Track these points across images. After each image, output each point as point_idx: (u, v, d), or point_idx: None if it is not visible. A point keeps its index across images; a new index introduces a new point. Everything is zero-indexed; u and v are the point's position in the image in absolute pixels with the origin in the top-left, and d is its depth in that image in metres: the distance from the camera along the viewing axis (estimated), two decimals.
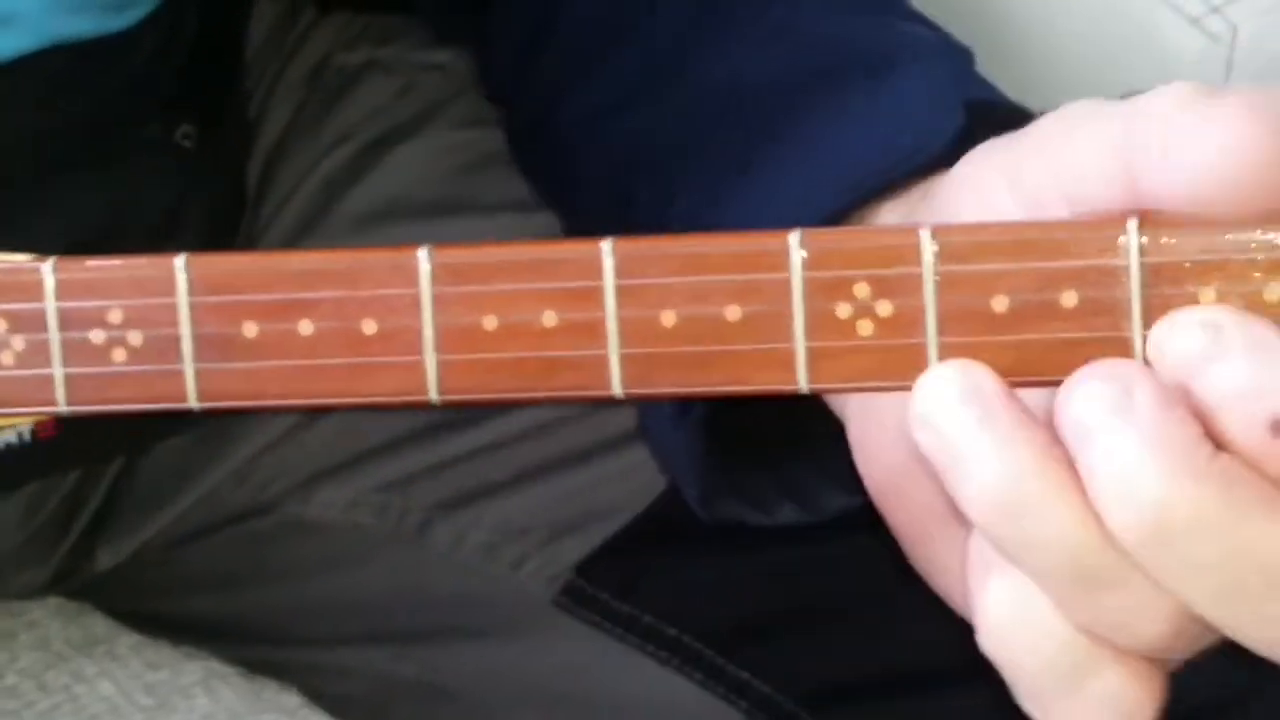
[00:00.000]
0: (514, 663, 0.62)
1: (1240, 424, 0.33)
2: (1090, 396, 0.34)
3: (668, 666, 0.59)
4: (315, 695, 0.68)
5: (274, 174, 0.67)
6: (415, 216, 0.64)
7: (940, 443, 0.34)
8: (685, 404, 0.47)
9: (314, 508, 0.64)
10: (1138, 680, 0.35)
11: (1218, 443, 0.33)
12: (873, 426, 0.42)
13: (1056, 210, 0.36)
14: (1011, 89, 0.51)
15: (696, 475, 0.49)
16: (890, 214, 0.43)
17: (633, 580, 0.60)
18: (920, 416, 0.35)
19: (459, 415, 0.62)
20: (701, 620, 0.59)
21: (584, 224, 0.56)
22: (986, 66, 0.53)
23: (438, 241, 0.37)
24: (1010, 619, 0.35)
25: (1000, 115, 0.43)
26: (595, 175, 0.55)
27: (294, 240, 0.65)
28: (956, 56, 0.50)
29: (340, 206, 0.64)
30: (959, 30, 0.54)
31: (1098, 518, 0.34)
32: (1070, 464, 0.34)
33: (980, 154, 0.39)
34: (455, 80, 0.67)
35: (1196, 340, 0.33)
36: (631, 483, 0.60)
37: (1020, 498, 0.34)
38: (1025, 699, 0.36)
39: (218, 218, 0.64)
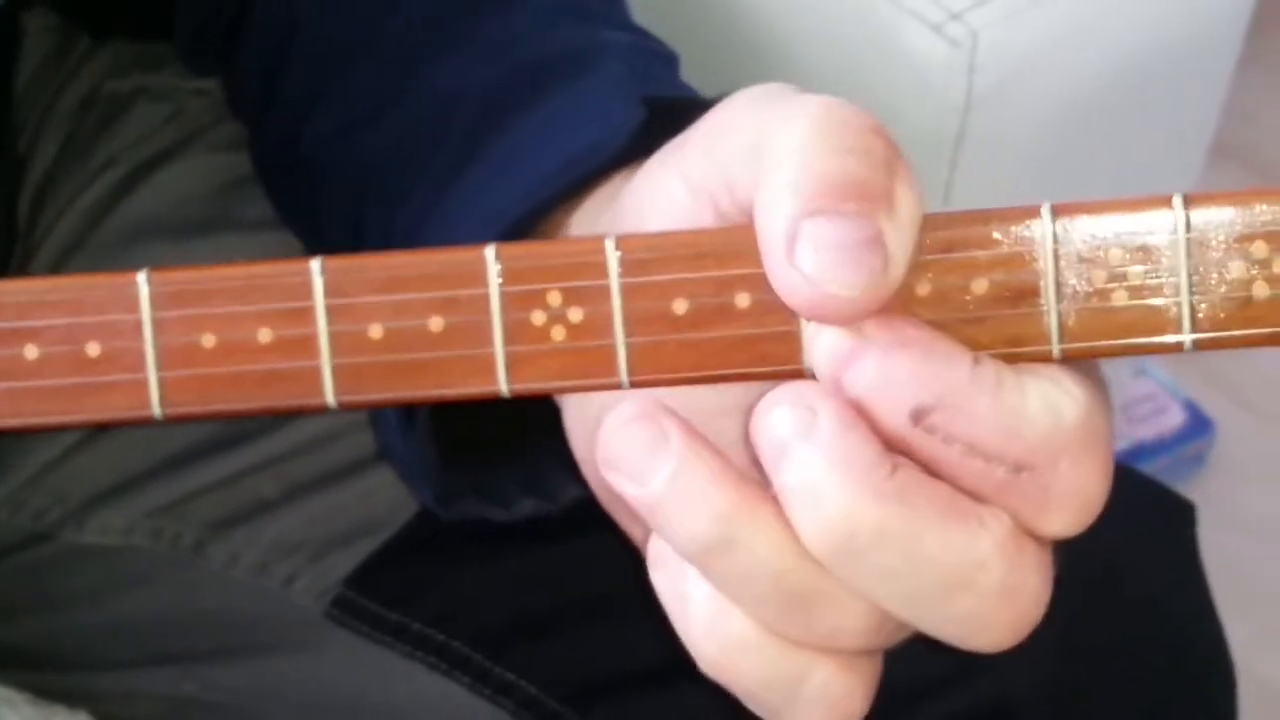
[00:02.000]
0: (291, 676, 0.64)
1: (886, 416, 0.35)
2: (779, 421, 0.35)
3: (437, 671, 0.61)
4: (105, 718, 0.69)
5: (43, 204, 0.68)
6: (177, 236, 0.65)
7: (638, 493, 0.36)
8: (409, 412, 0.49)
9: (90, 533, 0.65)
10: (846, 673, 0.37)
11: (890, 448, 0.36)
12: (581, 416, 0.44)
13: (721, 199, 0.38)
14: None
15: (429, 479, 0.50)
16: (584, 215, 0.45)
17: (401, 590, 0.62)
18: (610, 459, 0.36)
19: (228, 436, 0.63)
20: (469, 625, 0.61)
21: (323, 243, 0.57)
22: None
23: (197, 260, 0.39)
24: (719, 646, 0.37)
25: (699, 115, 0.46)
26: (333, 195, 0.56)
27: (58, 266, 0.66)
28: (645, 59, 0.52)
29: (103, 230, 0.65)
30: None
31: (797, 541, 0.36)
32: (764, 494, 0.36)
33: (658, 153, 0.40)
34: (219, 105, 0.68)
35: (839, 341, 0.36)
36: (397, 495, 0.61)
37: (721, 534, 0.36)
38: (752, 706, 0.38)
39: None
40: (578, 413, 0.44)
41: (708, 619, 0.37)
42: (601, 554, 0.60)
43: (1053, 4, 0.79)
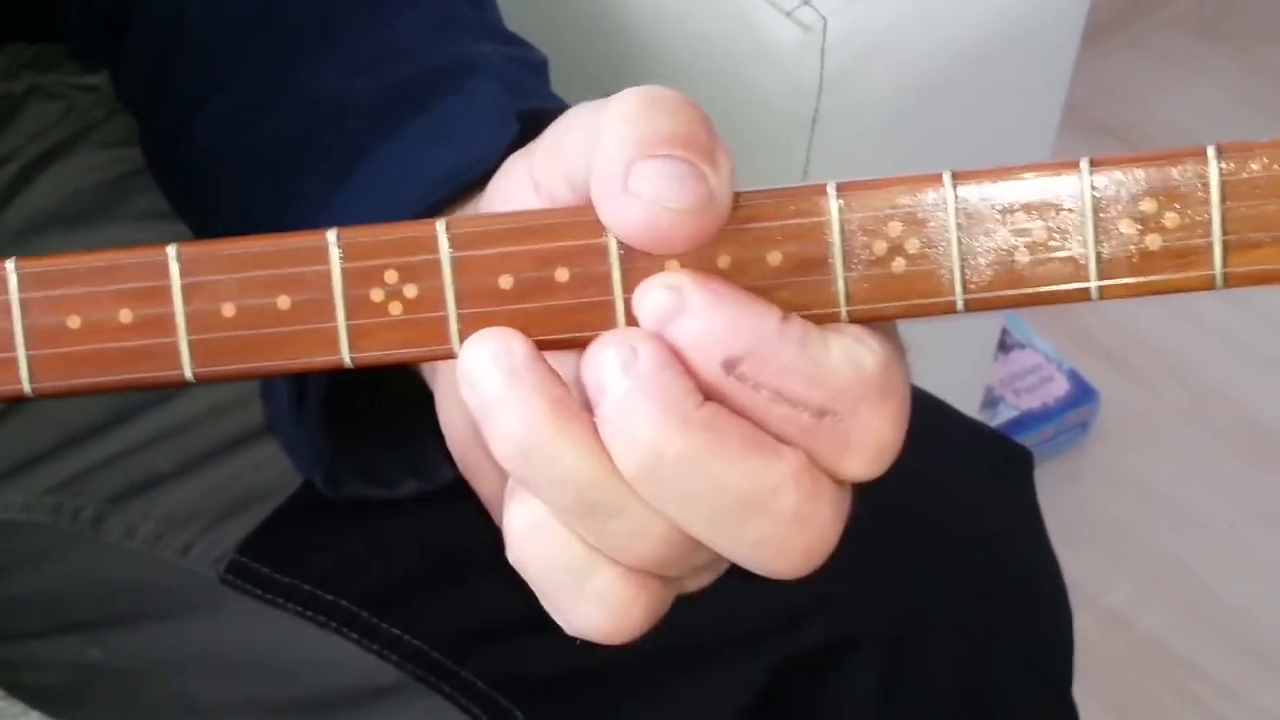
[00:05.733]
0: (191, 639, 0.67)
1: (702, 365, 0.40)
2: (605, 358, 0.40)
3: (327, 629, 0.65)
4: (14, 688, 0.72)
5: None
6: (71, 228, 0.68)
7: (477, 398, 0.40)
8: (300, 399, 0.53)
9: None
10: (629, 584, 0.41)
11: (706, 394, 0.40)
12: (446, 395, 0.48)
13: (561, 192, 0.42)
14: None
15: (319, 462, 0.54)
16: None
17: (291, 554, 0.65)
18: (463, 375, 0.41)
19: (121, 413, 0.67)
20: (355, 585, 0.65)
21: (214, 234, 0.61)
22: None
23: (93, 250, 0.42)
24: (526, 536, 0.41)
25: None
26: (221, 186, 0.60)
27: None
28: (517, 71, 0.56)
29: (0, 223, 0.69)
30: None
31: (605, 457, 0.40)
32: (580, 413, 0.40)
33: (509, 161, 0.44)
34: (110, 101, 0.72)
35: (663, 298, 0.40)
36: (284, 466, 0.64)
37: (535, 443, 0.40)
38: (543, 599, 0.42)
39: None
40: (446, 398, 0.48)
41: (521, 515, 0.41)
42: (474, 519, 0.64)
43: None
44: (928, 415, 0.66)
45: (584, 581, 0.41)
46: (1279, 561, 1.44)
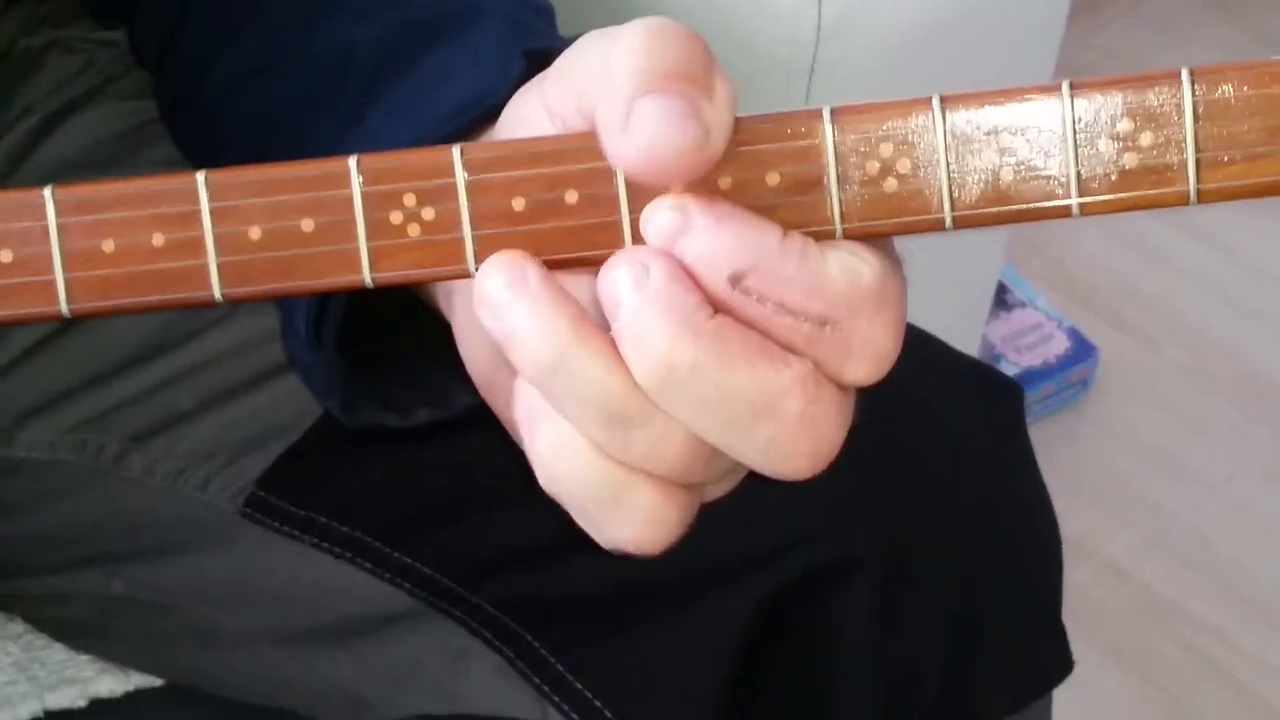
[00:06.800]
0: (211, 571, 0.70)
1: (709, 281, 0.42)
2: (619, 276, 0.42)
3: (343, 559, 0.67)
4: (37, 622, 0.74)
5: None
6: (89, 177, 0.70)
7: (496, 319, 0.42)
8: (319, 328, 0.54)
9: (19, 448, 0.70)
10: (663, 494, 0.43)
11: (714, 308, 0.42)
12: (466, 323, 0.50)
13: (571, 118, 0.44)
14: None
15: (335, 389, 0.56)
16: None
17: (307, 487, 0.68)
18: (480, 298, 0.43)
19: (143, 351, 0.69)
20: (369, 516, 0.67)
21: None
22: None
23: None
24: (556, 456, 0.43)
25: None
26: (236, 137, 0.62)
27: None
28: (523, 12, 0.58)
29: (21, 173, 0.71)
30: None
31: (625, 371, 0.42)
32: (600, 329, 0.42)
33: (522, 92, 0.46)
34: (128, 55, 0.74)
35: (669, 218, 0.42)
36: (302, 402, 0.67)
37: (559, 358, 0.42)
38: (579, 518, 0.44)
39: None
40: (466, 325, 0.49)
41: (549, 439, 0.43)
42: (487, 449, 0.66)
43: None
44: (920, 347, 0.68)
45: (619, 497, 0.43)
46: (1276, 515, 1.46)
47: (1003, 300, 1.54)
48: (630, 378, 0.42)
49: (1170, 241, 1.61)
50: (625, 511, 0.43)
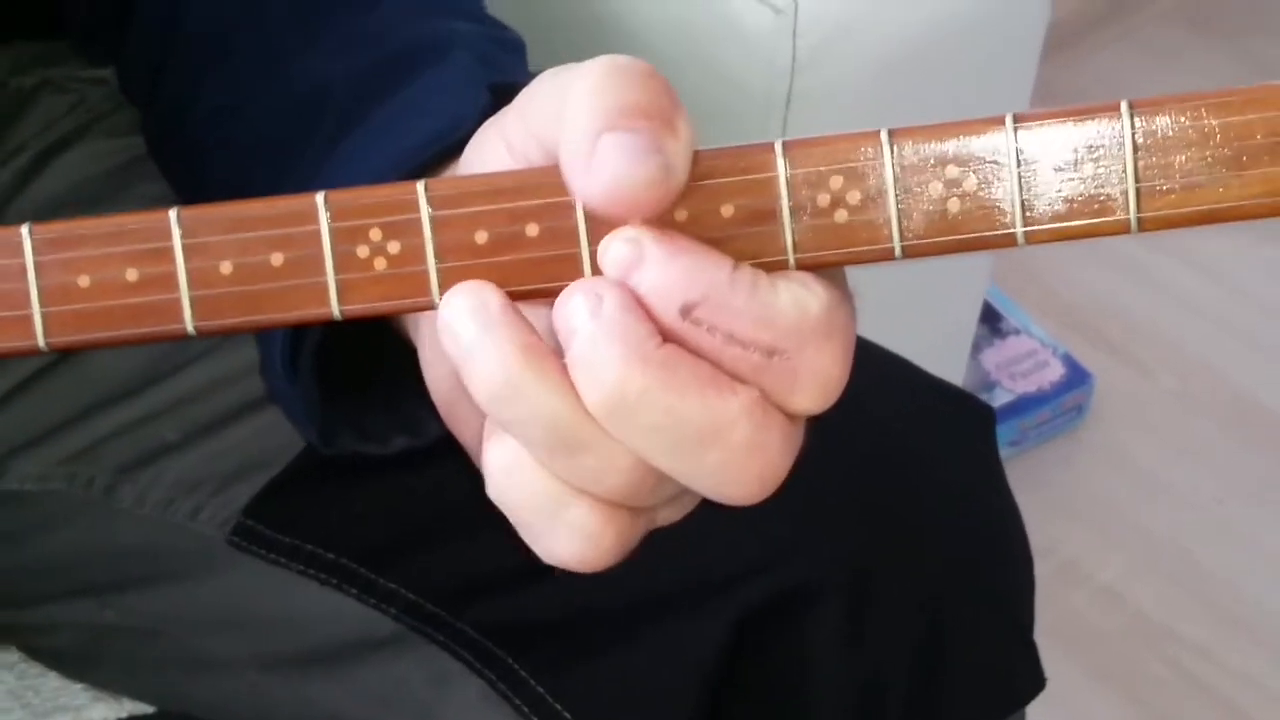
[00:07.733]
0: (200, 598, 0.71)
1: (660, 311, 0.43)
2: (575, 304, 0.43)
3: (328, 586, 0.68)
4: (31, 650, 0.76)
5: None
6: (78, 212, 0.71)
7: (456, 346, 0.44)
8: (294, 359, 0.56)
9: (11, 480, 0.72)
10: (603, 514, 0.44)
11: (665, 337, 0.43)
12: (430, 352, 0.51)
13: (532, 153, 0.45)
14: None
15: (313, 419, 0.58)
16: None
17: (293, 516, 0.69)
18: (443, 326, 0.44)
19: (129, 386, 0.70)
20: (354, 544, 0.68)
21: None
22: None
23: None
24: (503, 473, 0.44)
25: None
26: (220, 170, 0.63)
27: None
28: (493, 48, 0.59)
29: (11, 211, 0.72)
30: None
31: (575, 396, 0.43)
32: (551, 357, 0.43)
33: (484, 126, 0.48)
34: (118, 93, 0.75)
35: (624, 251, 0.43)
36: (286, 433, 0.68)
37: (510, 383, 0.43)
38: (521, 531, 0.45)
39: None
40: (431, 354, 0.51)
41: (498, 453, 0.44)
42: (461, 476, 0.67)
43: None
44: (893, 372, 0.70)
45: (558, 513, 0.44)
46: (1265, 536, 1.47)
47: (997, 327, 1.55)
48: (580, 403, 0.43)
49: (1164, 268, 1.62)
50: (563, 528, 0.44)
